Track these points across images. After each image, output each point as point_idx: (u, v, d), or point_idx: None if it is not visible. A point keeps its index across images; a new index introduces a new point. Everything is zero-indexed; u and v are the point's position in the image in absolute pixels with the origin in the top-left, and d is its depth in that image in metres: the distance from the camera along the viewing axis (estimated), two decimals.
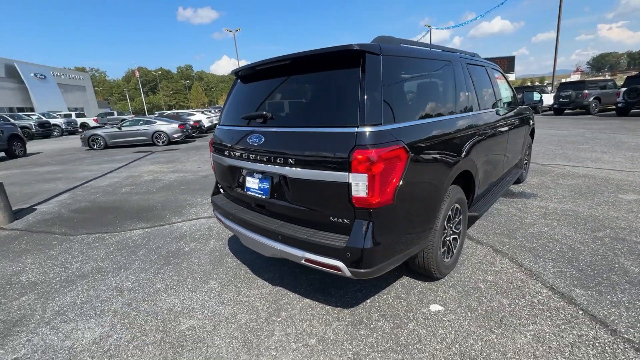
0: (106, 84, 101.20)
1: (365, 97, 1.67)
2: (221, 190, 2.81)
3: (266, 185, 2.09)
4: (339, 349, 1.86)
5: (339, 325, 2.05)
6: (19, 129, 12.77)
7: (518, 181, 4.69)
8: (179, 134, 12.95)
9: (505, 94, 3.76)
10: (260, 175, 2.13)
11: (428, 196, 2.01)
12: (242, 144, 2.19)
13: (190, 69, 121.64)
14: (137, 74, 56.57)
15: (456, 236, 2.57)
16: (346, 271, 1.73)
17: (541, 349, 1.76)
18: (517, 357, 1.72)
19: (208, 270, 2.85)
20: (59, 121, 23.30)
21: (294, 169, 1.85)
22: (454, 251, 2.56)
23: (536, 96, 4.17)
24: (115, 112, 30.45)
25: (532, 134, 4.95)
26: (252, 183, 2.20)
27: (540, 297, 2.20)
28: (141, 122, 13.09)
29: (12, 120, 19.41)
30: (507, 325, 1.95)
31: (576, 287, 2.26)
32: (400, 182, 1.72)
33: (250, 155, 2.12)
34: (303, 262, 1.88)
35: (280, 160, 1.92)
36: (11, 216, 4.50)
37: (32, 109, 34.24)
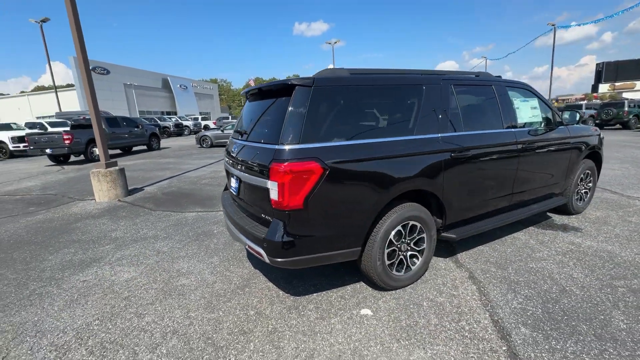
0: (230, 92, 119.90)
1: (288, 120, 2.09)
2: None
3: (236, 185, 2.69)
4: (265, 321, 2.30)
5: (278, 306, 2.48)
6: (157, 128, 16.77)
7: (568, 212, 4.06)
8: None
9: (530, 114, 3.42)
10: (234, 177, 2.74)
11: (352, 209, 2.24)
12: (231, 151, 2.84)
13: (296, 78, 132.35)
14: (253, 84, 65.42)
15: (415, 253, 2.65)
16: (266, 258, 2.17)
17: None
18: None
19: (218, 249, 3.61)
20: (189, 123, 29.12)
21: (244, 173, 2.39)
22: (412, 267, 2.65)
23: (575, 116, 3.58)
24: (230, 117, 36.04)
25: (596, 160, 4.20)
26: (232, 182, 2.83)
27: (475, 325, 2.15)
28: (229, 127, 15.52)
29: (159, 122, 25.47)
30: (416, 340, 2.04)
31: (524, 326, 2.11)
32: (313, 192, 2.06)
33: (232, 161, 2.75)
34: (247, 247, 2.39)
35: (241, 166, 2.48)
36: (126, 192, 6.32)
37: (175, 113, 43.48)
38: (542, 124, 3.50)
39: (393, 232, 2.45)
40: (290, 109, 2.12)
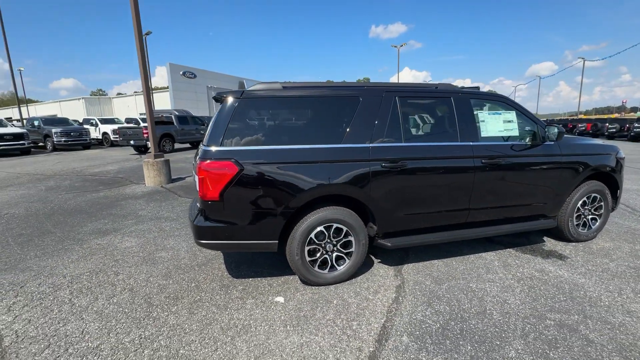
0: None
1: (215, 124, 2.50)
2: None
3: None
4: (197, 293, 2.75)
5: (215, 284, 2.91)
6: None
7: (565, 238, 3.64)
8: None
9: (502, 127, 3.20)
10: None
11: (266, 206, 2.54)
12: None
13: (368, 81, 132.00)
14: None
15: (342, 255, 2.82)
16: (194, 238, 2.62)
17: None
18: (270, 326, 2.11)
19: None
20: None
21: (193, 170, 2.89)
22: (338, 268, 2.82)
23: (553, 131, 3.17)
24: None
25: (609, 183, 3.65)
26: None
27: (363, 327, 2.27)
28: None
29: None
30: (300, 328, 2.26)
31: (407, 336, 2.16)
32: (228, 187, 2.44)
33: None
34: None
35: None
36: (168, 180, 7.50)
37: None
38: (519, 139, 3.26)
39: (314, 232, 2.68)
40: (219, 115, 2.54)
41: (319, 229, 2.69)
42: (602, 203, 3.65)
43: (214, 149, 2.48)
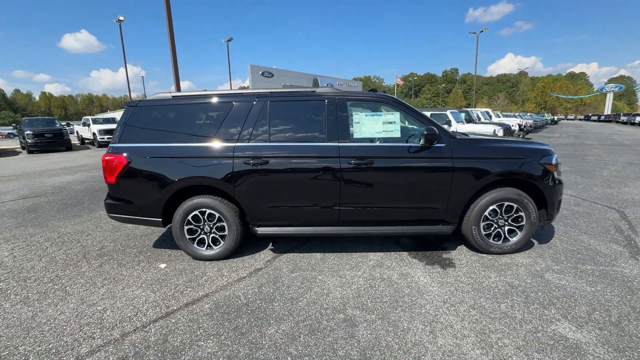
0: (381, 89, 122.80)
1: (117, 126, 3.29)
2: None
3: None
4: (122, 252, 3.64)
5: (134, 249, 3.76)
6: None
7: (474, 249, 3.39)
8: None
9: (380, 129, 3.17)
10: None
11: (149, 190, 3.21)
12: None
13: (455, 72, 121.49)
14: (398, 81, 65.18)
15: (217, 237, 3.34)
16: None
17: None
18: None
19: None
20: None
21: None
22: (214, 246, 3.35)
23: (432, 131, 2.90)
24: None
25: (534, 191, 3.23)
26: None
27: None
28: None
29: None
30: (149, 283, 2.91)
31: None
32: (121, 174, 3.20)
33: None
34: None
35: None
36: None
37: None
38: (401, 140, 3.19)
39: (191, 215, 3.27)
40: (121, 119, 3.33)
41: (194, 212, 3.27)
42: (522, 213, 3.25)
43: (112, 145, 3.29)
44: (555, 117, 51.80)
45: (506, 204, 3.23)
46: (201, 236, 3.36)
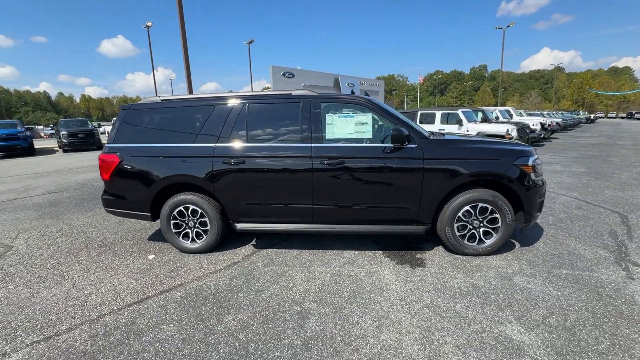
0: (405, 87, 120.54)
1: (112, 128, 3.59)
2: None
3: None
4: (119, 243, 3.97)
5: (130, 241, 4.07)
6: None
7: (450, 250, 3.38)
8: None
9: (352, 130, 3.25)
10: None
11: (138, 187, 3.48)
12: None
13: (484, 69, 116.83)
14: (420, 80, 63.92)
15: (200, 231, 3.56)
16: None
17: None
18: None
19: None
20: None
21: None
22: (197, 240, 3.58)
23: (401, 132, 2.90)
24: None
25: (509, 192, 3.18)
26: None
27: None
28: None
29: None
30: (133, 272, 3.17)
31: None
32: (114, 172, 3.50)
33: None
34: None
35: None
36: None
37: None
38: (373, 141, 3.26)
39: (176, 210, 3.51)
40: (115, 121, 3.63)
41: (179, 208, 3.51)
42: (497, 215, 3.21)
43: (107, 145, 3.60)
44: (592, 115, 48.54)
45: (480, 205, 3.20)
46: (186, 230, 3.60)
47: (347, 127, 3.31)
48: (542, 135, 13.90)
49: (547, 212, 4.69)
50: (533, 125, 13.23)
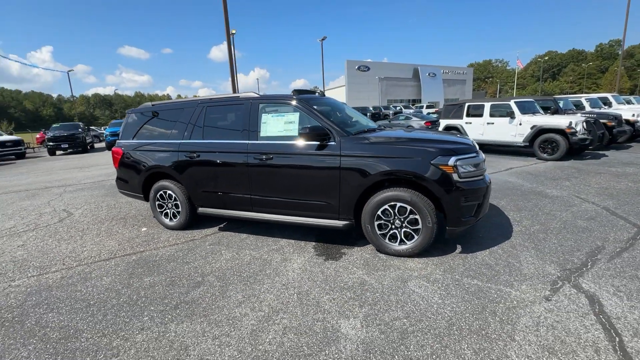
0: (505, 73, 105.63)
1: (121, 128, 4.65)
2: None
3: None
4: (133, 218, 5.11)
5: (136, 218, 5.17)
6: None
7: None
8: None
9: (282, 128, 3.48)
10: None
11: (134, 173, 4.43)
12: None
13: (617, 45, 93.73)
14: (520, 65, 55.22)
15: (174, 210, 4.35)
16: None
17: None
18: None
19: None
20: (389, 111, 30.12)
21: None
22: (174, 219, 4.38)
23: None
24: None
25: (429, 194, 3.01)
26: None
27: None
28: (402, 117, 16.28)
29: (383, 111, 29.43)
30: (129, 244, 4.14)
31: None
32: (121, 162, 4.54)
33: None
34: None
35: None
36: None
37: (420, 101, 46.47)
38: (295, 138, 3.46)
39: (158, 194, 4.38)
40: (123, 122, 4.67)
41: (160, 192, 4.37)
42: (417, 216, 3.07)
43: (116, 141, 4.67)
44: None
45: (399, 204, 3.12)
46: (166, 211, 4.45)
47: (278, 126, 3.60)
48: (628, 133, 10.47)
49: (541, 219, 4.03)
50: (633, 116, 10.53)
